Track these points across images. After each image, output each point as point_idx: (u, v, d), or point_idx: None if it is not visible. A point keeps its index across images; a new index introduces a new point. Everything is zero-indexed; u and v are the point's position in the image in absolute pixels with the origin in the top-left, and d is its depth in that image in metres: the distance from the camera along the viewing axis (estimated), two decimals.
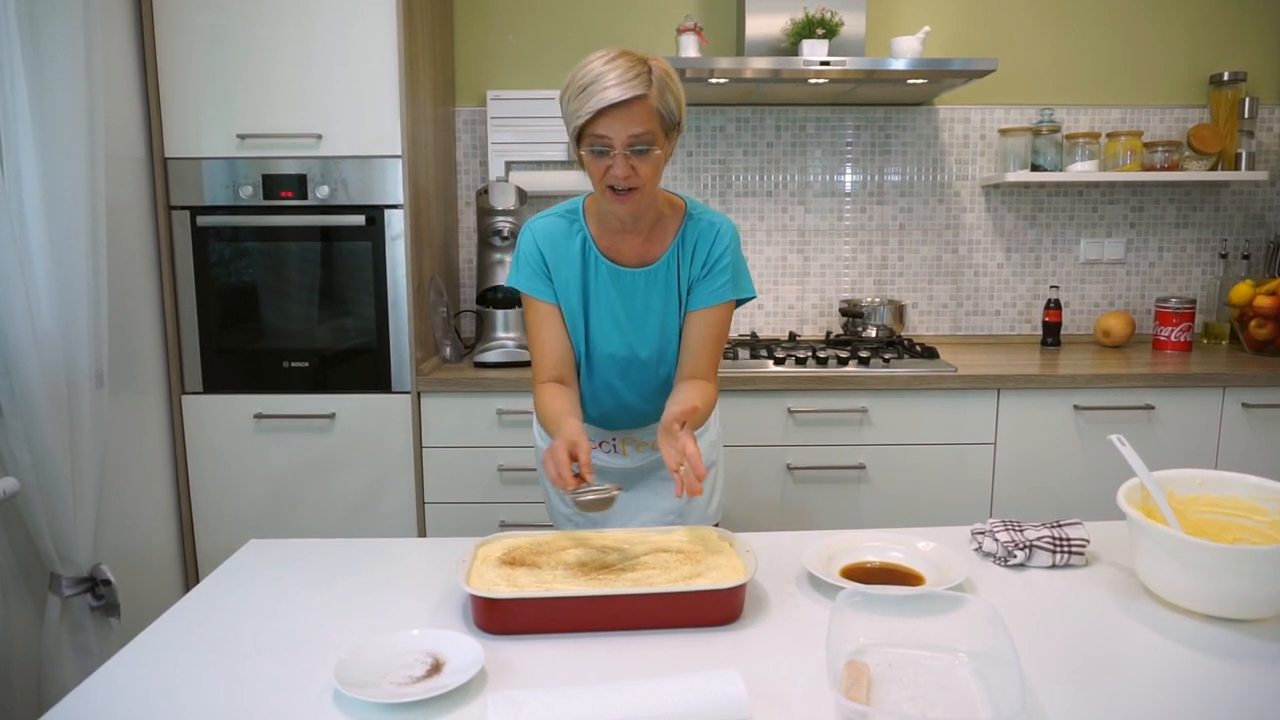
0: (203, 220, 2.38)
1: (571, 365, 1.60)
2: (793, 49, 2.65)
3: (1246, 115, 2.86)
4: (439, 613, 1.19)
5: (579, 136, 1.40)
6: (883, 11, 2.90)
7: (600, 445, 1.71)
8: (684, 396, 1.49)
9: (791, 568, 1.31)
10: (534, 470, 2.43)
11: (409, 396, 2.44)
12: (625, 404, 1.65)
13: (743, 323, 3.06)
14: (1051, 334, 2.93)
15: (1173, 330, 2.81)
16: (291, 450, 2.45)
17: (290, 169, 2.37)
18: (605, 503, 1.33)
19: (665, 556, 1.24)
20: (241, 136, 2.34)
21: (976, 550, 1.38)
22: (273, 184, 2.37)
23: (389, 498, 2.47)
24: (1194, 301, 2.82)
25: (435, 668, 1.02)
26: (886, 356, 2.54)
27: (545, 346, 1.58)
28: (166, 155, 2.36)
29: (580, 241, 1.55)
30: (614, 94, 1.34)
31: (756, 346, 2.71)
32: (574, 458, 1.34)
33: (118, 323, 2.16)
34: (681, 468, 1.28)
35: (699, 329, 1.57)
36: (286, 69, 2.32)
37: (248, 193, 2.37)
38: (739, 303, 1.62)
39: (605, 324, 1.57)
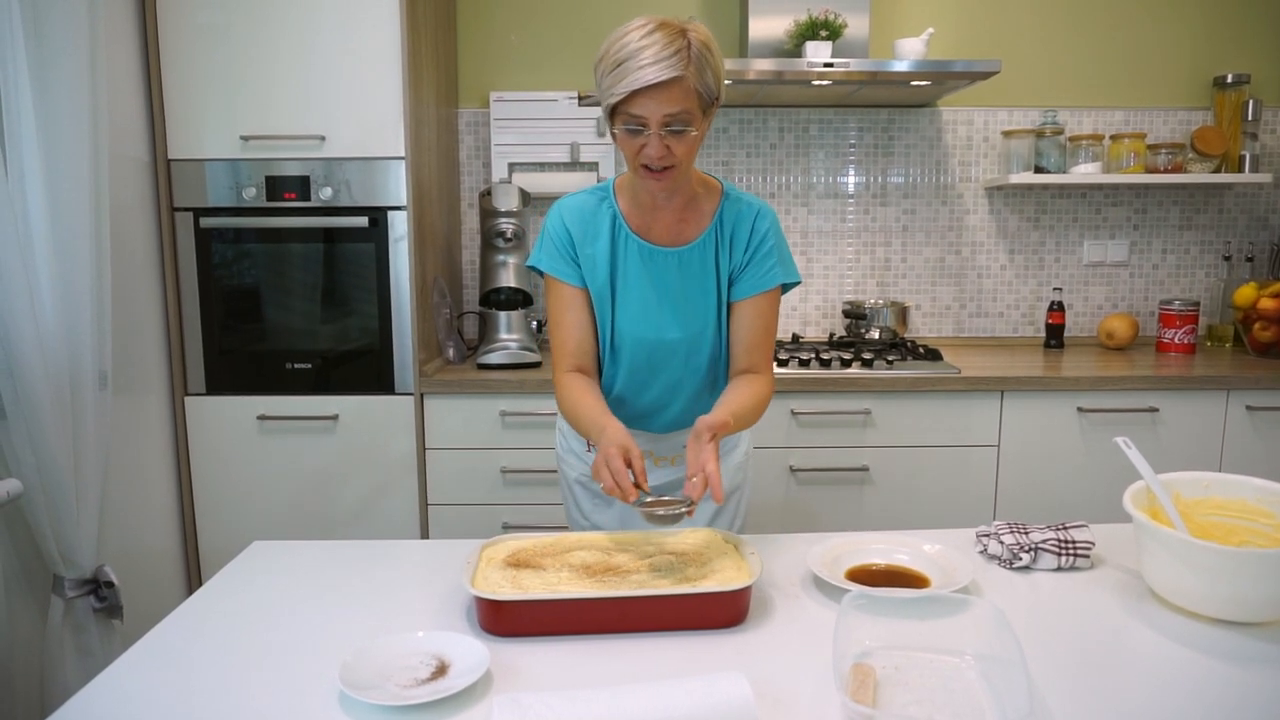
0: (206, 222, 2.38)
1: (593, 354, 1.54)
2: (796, 51, 2.65)
3: (1250, 117, 2.86)
4: (444, 615, 1.19)
5: (612, 112, 1.35)
6: (886, 13, 2.90)
7: None
8: (725, 402, 1.43)
9: (796, 570, 1.31)
10: (537, 472, 2.43)
11: (412, 398, 2.44)
12: (650, 395, 1.57)
13: None
14: (1055, 336, 2.93)
15: (1176, 332, 2.81)
16: (294, 452, 2.45)
17: (293, 170, 2.37)
18: (678, 518, 1.26)
19: (670, 559, 1.24)
20: (245, 138, 2.34)
21: (982, 553, 1.38)
22: (276, 185, 2.37)
23: (392, 499, 2.47)
24: (1197, 304, 2.82)
25: (440, 670, 1.02)
26: (890, 358, 2.53)
27: (566, 332, 1.51)
28: (170, 157, 2.36)
29: (610, 219, 1.50)
30: (650, 75, 1.28)
31: None
32: (628, 464, 1.27)
33: (121, 324, 2.16)
34: (694, 478, 1.25)
35: (750, 319, 1.50)
36: (290, 71, 2.33)
37: (251, 194, 2.37)
38: (785, 289, 1.55)
39: (633, 304, 1.50)
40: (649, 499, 1.27)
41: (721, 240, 1.50)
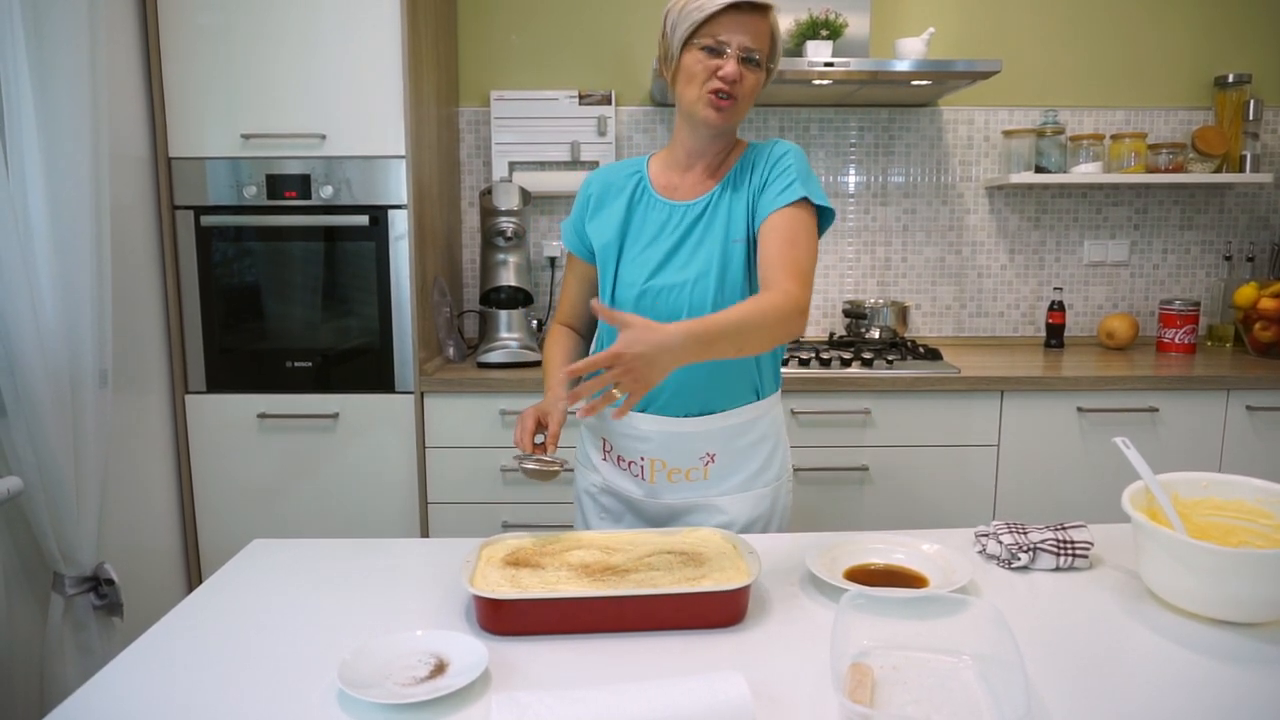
0: (206, 220, 2.38)
1: (582, 321, 1.68)
2: (796, 50, 2.65)
3: (1251, 117, 2.86)
4: (443, 613, 1.19)
5: (689, 37, 1.37)
6: (887, 13, 2.90)
7: (629, 466, 1.57)
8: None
9: (795, 569, 1.31)
10: None
11: (412, 396, 2.44)
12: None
13: None
14: (1055, 336, 2.93)
15: (1177, 332, 2.81)
16: (295, 450, 2.45)
17: (294, 169, 2.37)
18: (546, 475, 1.43)
19: (669, 558, 1.24)
20: (245, 136, 2.35)
21: (980, 553, 1.38)
22: (277, 184, 2.37)
23: (392, 498, 2.47)
24: (1198, 304, 2.82)
25: (439, 668, 1.02)
26: (890, 358, 2.53)
27: (565, 293, 1.68)
28: (170, 155, 2.36)
29: (636, 180, 1.54)
30: None
31: None
32: (544, 425, 1.44)
33: (121, 322, 2.16)
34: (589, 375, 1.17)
35: (768, 235, 1.39)
36: (290, 69, 2.33)
37: (252, 193, 2.37)
38: (821, 221, 1.43)
39: (640, 255, 1.49)
40: (530, 457, 1.44)
41: (740, 178, 1.48)
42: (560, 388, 1.51)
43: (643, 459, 1.54)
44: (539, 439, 1.45)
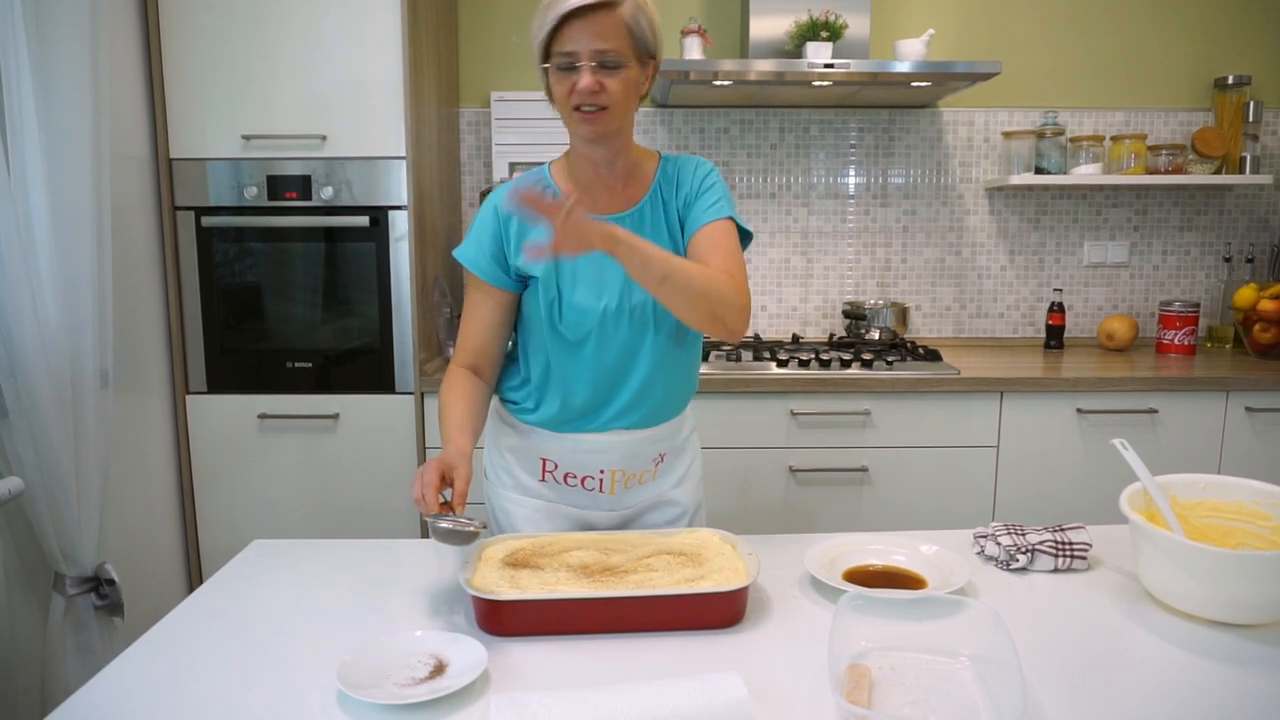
0: (207, 221, 2.39)
1: (492, 357, 1.49)
2: (796, 51, 2.66)
3: (1251, 119, 2.86)
4: (442, 614, 1.19)
5: (543, 59, 1.31)
6: (887, 14, 2.90)
7: (583, 482, 1.50)
8: None
9: (794, 570, 1.31)
10: None
11: (412, 397, 2.44)
12: (602, 374, 1.44)
13: None
14: (1055, 337, 2.93)
15: (1176, 334, 2.81)
16: (295, 450, 2.46)
17: (295, 170, 2.38)
18: (465, 537, 1.18)
19: (668, 559, 1.24)
20: (246, 137, 2.35)
21: (979, 554, 1.38)
22: (277, 185, 2.38)
23: (392, 498, 2.48)
24: (1198, 305, 2.82)
25: (438, 669, 1.02)
26: (889, 359, 2.54)
27: (470, 328, 1.47)
28: (171, 156, 2.37)
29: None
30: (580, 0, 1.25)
31: (759, 348, 2.71)
32: (449, 482, 1.24)
33: (122, 323, 2.17)
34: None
35: (705, 243, 1.38)
36: (291, 70, 2.33)
37: (252, 193, 2.38)
38: (743, 241, 1.43)
39: (578, 276, 1.40)
40: (444, 517, 1.19)
41: (668, 193, 1.44)
42: (464, 439, 1.34)
43: (602, 472, 1.50)
44: (444, 496, 1.24)
